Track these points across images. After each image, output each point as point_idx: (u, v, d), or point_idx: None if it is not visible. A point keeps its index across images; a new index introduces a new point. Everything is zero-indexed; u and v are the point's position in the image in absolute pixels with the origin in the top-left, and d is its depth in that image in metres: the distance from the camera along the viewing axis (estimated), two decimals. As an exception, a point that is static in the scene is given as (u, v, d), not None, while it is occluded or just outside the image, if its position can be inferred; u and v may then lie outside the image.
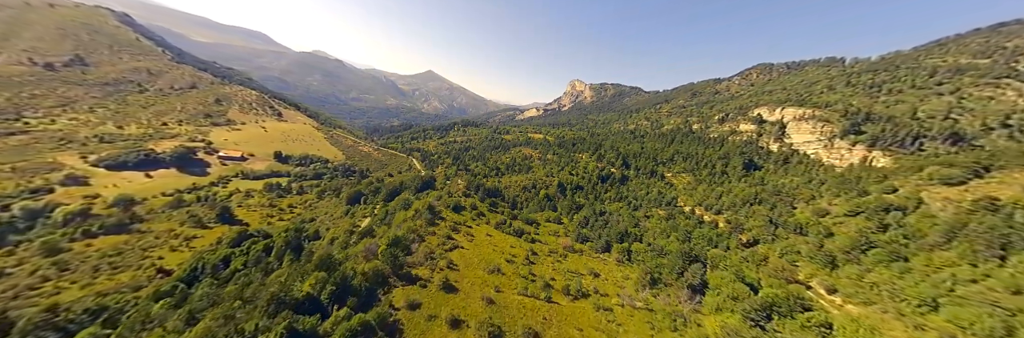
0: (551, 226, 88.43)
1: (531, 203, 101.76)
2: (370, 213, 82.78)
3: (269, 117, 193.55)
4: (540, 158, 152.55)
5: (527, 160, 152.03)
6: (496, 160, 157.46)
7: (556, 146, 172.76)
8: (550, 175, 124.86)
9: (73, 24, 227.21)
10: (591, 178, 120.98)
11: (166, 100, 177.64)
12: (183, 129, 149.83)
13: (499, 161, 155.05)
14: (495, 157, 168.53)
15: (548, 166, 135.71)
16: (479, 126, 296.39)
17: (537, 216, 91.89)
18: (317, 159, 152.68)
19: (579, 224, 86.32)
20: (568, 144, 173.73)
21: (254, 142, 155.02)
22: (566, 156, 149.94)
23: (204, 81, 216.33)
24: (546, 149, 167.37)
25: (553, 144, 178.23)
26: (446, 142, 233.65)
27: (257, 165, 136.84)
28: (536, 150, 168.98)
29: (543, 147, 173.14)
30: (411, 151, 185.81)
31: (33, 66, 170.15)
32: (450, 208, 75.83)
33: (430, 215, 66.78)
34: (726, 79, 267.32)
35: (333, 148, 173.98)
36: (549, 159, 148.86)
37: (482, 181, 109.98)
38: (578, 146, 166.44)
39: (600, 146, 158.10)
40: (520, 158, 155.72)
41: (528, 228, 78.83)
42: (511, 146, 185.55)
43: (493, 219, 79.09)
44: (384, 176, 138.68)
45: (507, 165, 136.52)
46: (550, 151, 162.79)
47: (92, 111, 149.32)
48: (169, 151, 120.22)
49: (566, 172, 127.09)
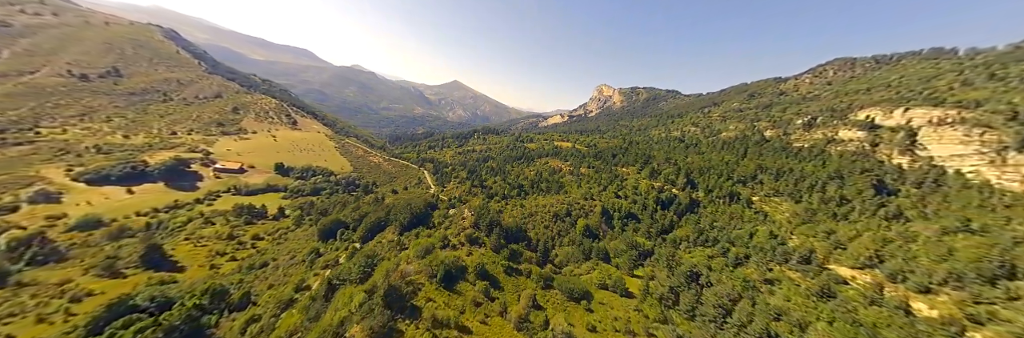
0: (605, 296, 58.28)
1: (565, 239, 75.09)
2: (333, 261, 62.05)
3: (283, 125, 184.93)
4: (572, 172, 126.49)
5: (556, 174, 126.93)
6: (518, 174, 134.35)
7: (591, 157, 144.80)
8: (589, 197, 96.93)
9: (121, 39, 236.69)
10: (647, 202, 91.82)
11: (185, 109, 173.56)
12: (190, 138, 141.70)
13: (522, 175, 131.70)
14: (517, 170, 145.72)
15: (585, 184, 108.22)
16: (500, 134, 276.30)
17: (585, 276, 63.52)
18: (320, 171, 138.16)
19: (657, 293, 56.04)
20: (606, 155, 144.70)
21: (259, 152, 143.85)
22: (606, 170, 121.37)
23: (230, 90, 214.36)
24: (578, 160, 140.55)
25: (587, 155, 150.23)
26: (464, 151, 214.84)
27: (254, 178, 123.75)
28: (566, 162, 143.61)
29: (574, 158, 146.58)
30: (424, 162, 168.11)
31: (69, 78, 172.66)
32: (438, 281, 48.08)
33: (389, 312, 38.98)
34: (792, 77, 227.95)
35: (342, 158, 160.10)
36: (584, 174, 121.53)
37: (499, 210, 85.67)
38: (620, 158, 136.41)
39: (650, 158, 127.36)
40: (547, 172, 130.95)
41: (573, 308, 51.36)
42: (535, 156, 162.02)
43: (513, 300, 50.18)
44: (386, 193, 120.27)
45: (532, 181, 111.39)
46: (584, 163, 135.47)
47: (108, 120, 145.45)
48: (159, 164, 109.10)
49: (610, 193, 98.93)
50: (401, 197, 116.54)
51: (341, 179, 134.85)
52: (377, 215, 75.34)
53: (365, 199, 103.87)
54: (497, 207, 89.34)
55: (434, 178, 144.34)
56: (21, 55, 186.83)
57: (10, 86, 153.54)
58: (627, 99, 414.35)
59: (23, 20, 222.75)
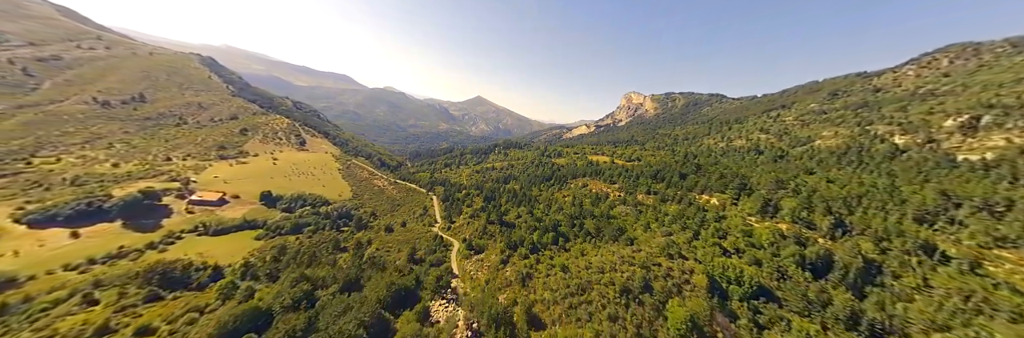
0: None
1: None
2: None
3: (290, 146, 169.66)
4: (624, 199, 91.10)
5: (601, 202, 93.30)
6: (549, 202, 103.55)
7: (648, 178, 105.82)
8: (675, 252, 59.81)
9: (158, 67, 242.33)
10: (783, 265, 53.95)
11: (194, 132, 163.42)
12: (182, 164, 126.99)
13: (554, 203, 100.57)
14: (547, 195, 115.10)
15: (653, 223, 72.46)
16: (523, 147, 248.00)
17: None
18: (311, 200, 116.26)
19: None
20: (669, 175, 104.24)
21: (253, 178, 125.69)
22: (677, 198, 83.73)
23: (247, 112, 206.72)
24: (630, 183, 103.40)
25: (641, 174, 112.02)
26: (482, 169, 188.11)
27: (233, 211, 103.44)
28: (612, 184, 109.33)
29: (623, 179, 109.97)
30: (434, 185, 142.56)
31: (92, 105, 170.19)
32: None
33: None
34: (888, 71, 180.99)
35: (342, 182, 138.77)
36: (646, 204, 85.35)
37: (526, 273, 55.00)
38: (695, 179, 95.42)
39: (745, 180, 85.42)
40: (589, 200, 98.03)
41: None
42: (568, 176, 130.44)
43: None
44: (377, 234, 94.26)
45: (571, 217, 77.87)
46: (640, 186, 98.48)
47: (109, 147, 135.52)
48: (120, 199, 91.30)
49: (708, 243, 61.48)
50: (396, 238, 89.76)
51: (334, 210, 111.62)
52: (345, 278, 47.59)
53: (343, 256, 77.93)
54: (523, 266, 58.04)
55: (443, 206, 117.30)
56: (61, 85, 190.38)
57: (31, 115, 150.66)
58: (661, 106, 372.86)
59: (75, 54, 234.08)
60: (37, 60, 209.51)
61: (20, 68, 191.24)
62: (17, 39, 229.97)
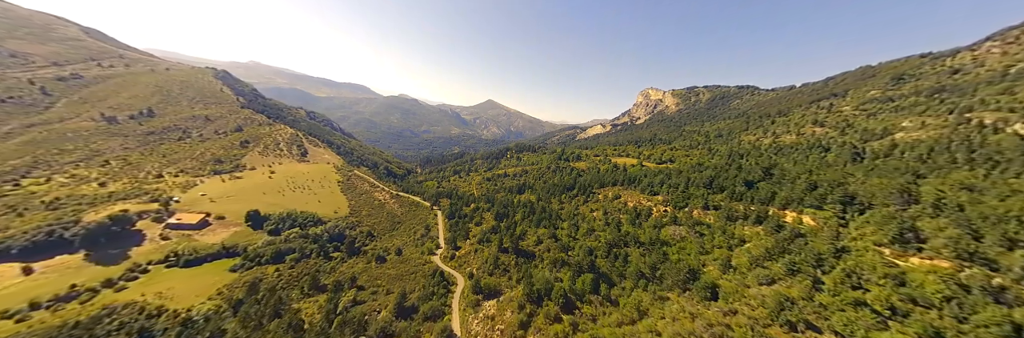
0: None
1: None
2: None
3: (291, 157, 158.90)
4: (676, 218, 69.21)
5: (641, 219, 73.02)
6: (574, 218, 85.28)
7: (702, 187, 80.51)
8: (797, 321, 37.49)
9: (171, 82, 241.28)
10: None
11: (195, 146, 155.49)
12: (172, 181, 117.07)
13: (581, 220, 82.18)
14: (569, 208, 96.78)
15: (734, 258, 51.59)
16: (537, 151, 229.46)
17: None
18: (303, 219, 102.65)
19: None
20: (729, 183, 78.33)
21: (244, 194, 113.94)
22: (752, 213, 62.14)
23: (254, 123, 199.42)
24: (678, 196, 79.82)
25: (690, 184, 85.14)
26: (494, 176, 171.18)
27: (213, 235, 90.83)
28: (653, 196, 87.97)
29: (668, 190, 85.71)
30: (440, 197, 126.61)
31: (98, 122, 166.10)
32: None
33: None
34: (963, 50, 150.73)
35: (340, 197, 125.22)
36: (712, 225, 64.01)
37: None
38: (768, 189, 68.80)
39: (851, 194, 57.98)
40: (625, 216, 77.97)
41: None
42: (594, 185, 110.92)
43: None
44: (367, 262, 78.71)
45: (609, 245, 58.47)
46: (693, 200, 75.39)
47: (104, 165, 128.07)
48: (86, 226, 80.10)
49: (843, 303, 37.90)
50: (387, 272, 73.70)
51: (325, 231, 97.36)
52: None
53: (319, 300, 62.21)
54: (553, 337, 39.08)
55: (447, 224, 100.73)
56: (75, 103, 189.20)
57: (36, 133, 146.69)
58: (684, 101, 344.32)
59: (95, 72, 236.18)
60: (57, 79, 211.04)
61: (38, 87, 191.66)
62: (42, 60, 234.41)
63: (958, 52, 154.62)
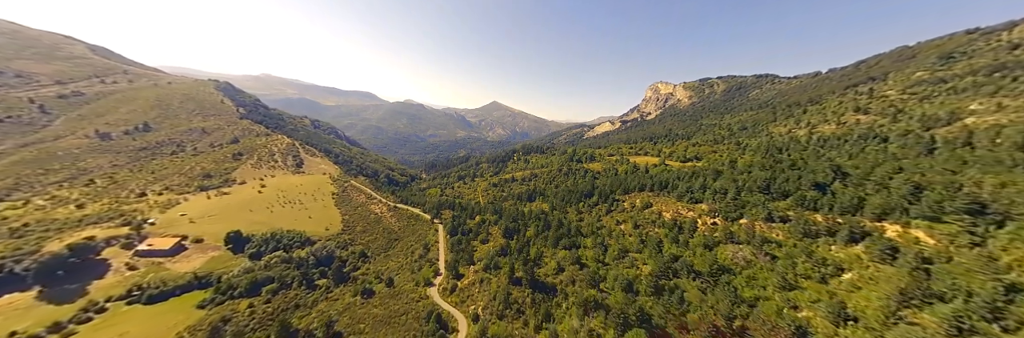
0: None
1: None
2: None
3: (285, 169, 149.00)
4: (726, 231, 53.59)
5: (684, 234, 57.68)
6: (597, 233, 71.33)
7: (754, 192, 63.88)
8: None
9: (171, 96, 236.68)
10: None
11: (186, 160, 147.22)
12: (153, 200, 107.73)
13: (608, 235, 68.08)
14: (590, 219, 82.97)
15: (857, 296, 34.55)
16: (545, 151, 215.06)
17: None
18: (289, 239, 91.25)
19: None
20: (790, 186, 61.24)
21: (228, 212, 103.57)
22: (840, 227, 44.74)
23: (251, 133, 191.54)
24: (729, 204, 63.49)
25: (743, 187, 67.40)
26: (501, 181, 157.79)
27: (188, 261, 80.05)
28: (693, 203, 72.89)
29: (713, 196, 69.44)
30: (442, 207, 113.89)
31: (91, 139, 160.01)
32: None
33: None
34: (1020, 23, 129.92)
35: (335, 211, 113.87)
36: (778, 242, 48.73)
37: None
38: (860, 197, 50.30)
39: (981, 201, 38.82)
40: (662, 230, 63.03)
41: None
42: (615, 190, 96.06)
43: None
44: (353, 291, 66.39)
45: (654, 277, 43.55)
46: (749, 208, 59.75)
47: (88, 184, 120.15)
48: (34, 262, 70.02)
49: None
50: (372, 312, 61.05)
51: (312, 253, 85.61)
52: None
53: None
54: None
55: (449, 242, 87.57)
56: (73, 120, 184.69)
57: (27, 152, 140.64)
58: (697, 94, 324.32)
59: (97, 89, 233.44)
60: (58, 97, 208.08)
61: (37, 106, 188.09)
62: (47, 79, 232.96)
63: (1016, 26, 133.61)
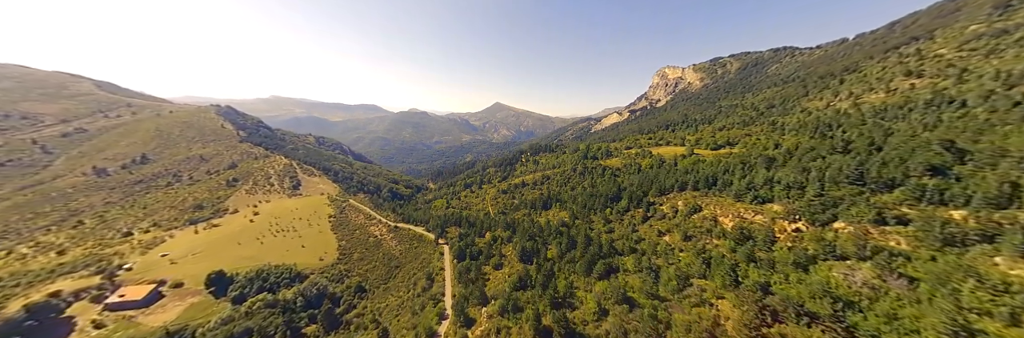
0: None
1: None
2: None
3: (281, 192, 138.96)
4: (828, 243, 34.76)
5: (758, 248, 40.58)
6: (637, 249, 55.70)
7: (842, 183, 44.47)
8: None
9: (172, 124, 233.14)
10: None
11: (180, 191, 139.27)
12: (138, 240, 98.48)
13: (654, 252, 52.14)
14: (623, 230, 67.58)
15: None
16: (555, 150, 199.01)
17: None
18: (278, 275, 79.43)
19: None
20: (890, 170, 42.41)
21: (216, 248, 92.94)
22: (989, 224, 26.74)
23: (249, 156, 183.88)
24: (811, 204, 41.96)
25: (826, 178, 47.30)
26: (510, 187, 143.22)
27: (162, 312, 68.99)
28: (757, 204, 53.10)
29: (784, 193, 49.27)
30: (447, 223, 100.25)
31: (88, 176, 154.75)
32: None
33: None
34: None
35: (331, 236, 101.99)
36: (916, 260, 28.30)
37: None
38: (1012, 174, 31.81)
39: None
40: (724, 242, 45.71)
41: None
42: (646, 190, 79.48)
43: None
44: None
45: (747, 328, 29.52)
46: (845, 207, 39.50)
47: (76, 226, 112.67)
48: None
49: None
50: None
51: (301, 292, 73.30)
52: None
53: None
54: None
55: (456, 269, 73.46)
56: (74, 157, 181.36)
57: (20, 197, 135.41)
58: (709, 75, 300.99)
59: (100, 124, 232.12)
60: (62, 136, 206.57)
61: (39, 147, 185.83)
62: (52, 118, 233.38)
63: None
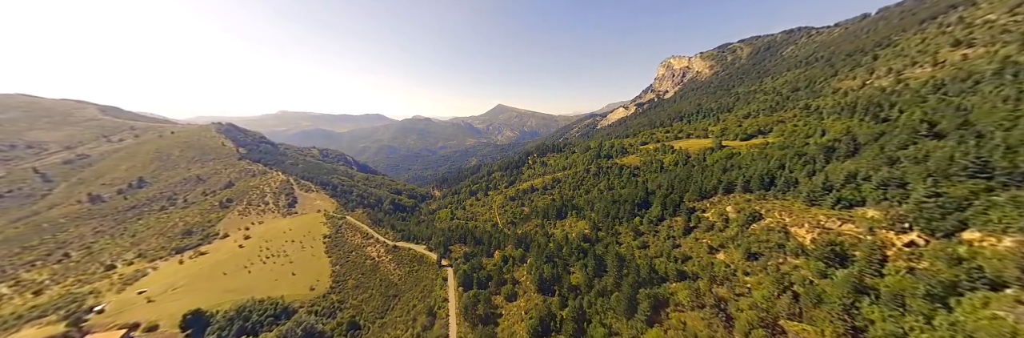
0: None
1: None
2: None
3: (275, 211, 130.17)
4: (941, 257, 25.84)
5: (867, 271, 30.34)
6: (688, 278, 43.54)
7: (957, 176, 36.21)
8: None
9: (174, 145, 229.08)
10: None
11: (173, 215, 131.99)
12: (121, 273, 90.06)
13: (713, 279, 40.34)
14: (660, 247, 55.81)
15: None
16: (563, 150, 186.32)
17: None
18: (264, 310, 69.23)
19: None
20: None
21: (200, 280, 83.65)
22: None
23: (248, 173, 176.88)
24: (915, 204, 34.81)
25: (947, 170, 43.05)
26: (517, 193, 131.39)
27: (128, 366, 58.86)
28: (837, 207, 41.99)
29: (875, 189, 41.35)
30: (450, 241, 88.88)
31: (83, 204, 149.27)
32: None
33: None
34: None
35: (325, 260, 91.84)
36: None
37: None
38: None
39: None
40: (809, 261, 36.18)
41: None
42: (680, 194, 66.54)
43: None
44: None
45: None
46: (960, 209, 29.43)
47: (61, 260, 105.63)
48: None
49: None
50: None
51: (284, 335, 62.57)
52: None
53: None
54: None
55: (462, 302, 61.70)
56: (74, 185, 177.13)
57: (11, 230, 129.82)
58: (718, 62, 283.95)
59: (103, 149, 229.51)
60: (64, 162, 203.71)
61: (41, 175, 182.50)
62: (56, 146, 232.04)
63: None
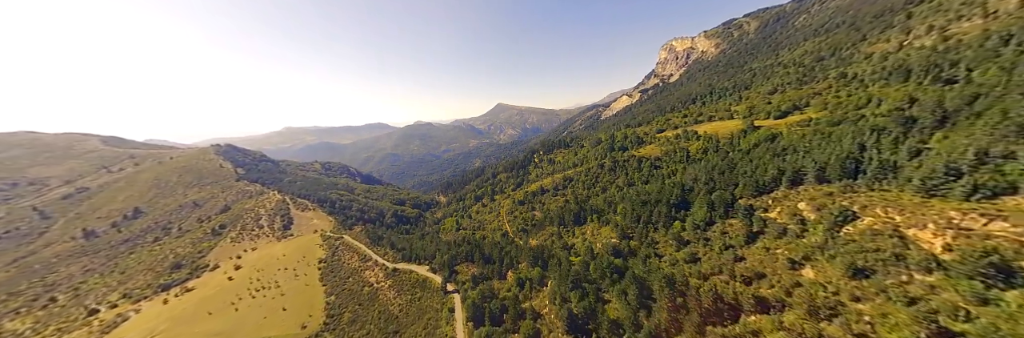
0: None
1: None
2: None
3: (270, 235, 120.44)
4: None
5: None
6: (793, 327, 30.84)
7: None
8: None
9: (171, 171, 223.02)
10: None
11: (163, 248, 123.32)
12: (102, 319, 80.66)
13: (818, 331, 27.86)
14: (716, 269, 43.55)
15: None
16: (570, 144, 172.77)
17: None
18: (244, 364, 57.93)
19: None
20: None
21: (183, 320, 73.87)
22: None
23: (245, 195, 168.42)
24: None
25: None
26: (526, 195, 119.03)
27: None
28: (980, 199, 30.89)
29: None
30: (456, 261, 77.02)
31: (76, 240, 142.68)
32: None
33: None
34: None
35: (319, 289, 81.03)
36: None
37: None
38: None
39: None
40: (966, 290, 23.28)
41: None
42: (726, 190, 53.20)
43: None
44: None
45: None
46: None
47: (47, 305, 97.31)
48: None
49: None
50: None
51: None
52: None
53: None
54: None
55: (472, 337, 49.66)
56: (71, 220, 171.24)
57: (2, 274, 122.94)
58: (724, 40, 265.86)
59: (102, 180, 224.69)
60: (63, 198, 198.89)
61: (39, 213, 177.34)
62: (57, 180, 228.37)
63: None
